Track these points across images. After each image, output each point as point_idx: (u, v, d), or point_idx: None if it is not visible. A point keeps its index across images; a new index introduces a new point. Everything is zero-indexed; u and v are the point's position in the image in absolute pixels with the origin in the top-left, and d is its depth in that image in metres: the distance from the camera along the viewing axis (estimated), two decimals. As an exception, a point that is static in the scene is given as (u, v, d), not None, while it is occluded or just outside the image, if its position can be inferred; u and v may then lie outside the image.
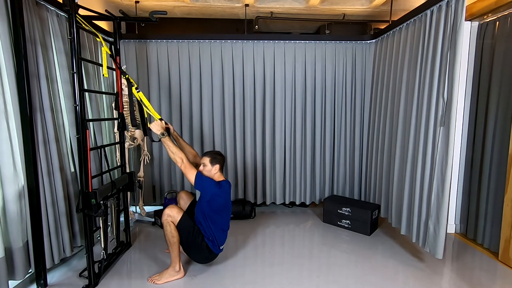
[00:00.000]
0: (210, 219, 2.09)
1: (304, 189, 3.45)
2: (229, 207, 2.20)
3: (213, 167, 2.13)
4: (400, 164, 2.58)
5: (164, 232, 2.02)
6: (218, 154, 2.18)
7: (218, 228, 2.12)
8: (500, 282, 2.08)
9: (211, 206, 2.07)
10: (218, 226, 2.12)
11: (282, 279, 2.10)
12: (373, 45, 3.20)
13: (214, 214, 2.09)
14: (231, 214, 2.27)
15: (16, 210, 1.83)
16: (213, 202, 2.06)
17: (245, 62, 3.22)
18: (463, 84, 2.65)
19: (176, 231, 2.01)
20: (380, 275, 2.14)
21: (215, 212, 2.09)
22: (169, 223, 2.00)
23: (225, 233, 2.21)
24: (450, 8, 2.01)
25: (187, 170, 2.04)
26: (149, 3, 3.46)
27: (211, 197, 2.05)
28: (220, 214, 2.12)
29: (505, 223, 2.27)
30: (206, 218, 2.09)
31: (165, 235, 2.02)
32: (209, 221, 2.09)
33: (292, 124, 3.34)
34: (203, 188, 2.04)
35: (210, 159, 2.13)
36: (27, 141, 1.83)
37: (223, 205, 2.12)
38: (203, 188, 2.04)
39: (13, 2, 1.74)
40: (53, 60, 2.14)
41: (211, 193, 2.04)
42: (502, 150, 2.40)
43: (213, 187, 2.05)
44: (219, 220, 2.12)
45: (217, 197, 2.06)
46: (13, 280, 1.88)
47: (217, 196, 2.06)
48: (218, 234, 2.12)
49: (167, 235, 2.01)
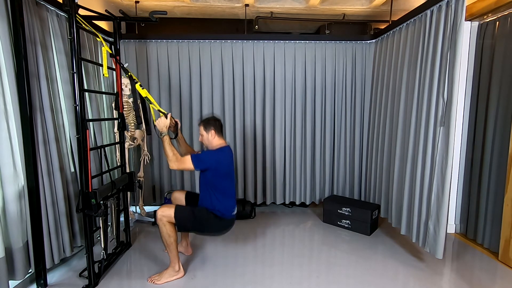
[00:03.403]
0: (215, 189, 2.05)
1: (304, 189, 3.45)
2: (232, 172, 2.14)
3: (209, 133, 2.08)
4: (400, 164, 2.58)
5: (160, 233, 2.01)
6: (211, 119, 2.12)
7: (224, 195, 2.07)
8: (500, 282, 2.08)
9: (215, 175, 2.02)
10: (223, 193, 2.07)
11: (282, 279, 2.10)
12: (373, 45, 3.20)
13: (217, 182, 2.04)
14: (235, 180, 2.20)
15: (16, 210, 1.83)
16: (215, 172, 2.02)
17: (245, 62, 3.22)
18: (463, 84, 2.65)
19: (172, 231, 1.99)
20: (380, 275, 2.14)
21: (218, 179, 2.04)
22: (164, 224, 1.97)
23: (233, 200, 2.15)
24: (450, 8, 2.01)
25: (181, 163, 1.97)
26: (149, 3, 3.46)
27: (214, 167, 2.00)
28: (224, 180, 2.07)
29: (505, 223, 2.27)
30: (210, 189, 2.05)
31: (162, 237, 2.01)
32: (213, 191, 2.05)
33: (292, 124, 3.34)
34: (203, 163, 1.99)
35: (203, 126, 2.09)
36: (27, 141, 1.83)
37: (226, 171, 2.07)
38: (203, 164, 1.99)
39: (13, 2, 1.74)
40: (53, 60, 2.14)
41: (213, 163, 2.00)
42: (502, 150, 2.40)
43: (211, 157, 2.01)
44: (223, 188, 2.07)
45: (218, 165, 2.01)
46: (13, 280, 1.88)
47: (219, 164, 2.01)
48: (225, 202, 2.08)
49: (164, 236, 2.00)
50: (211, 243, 2.62)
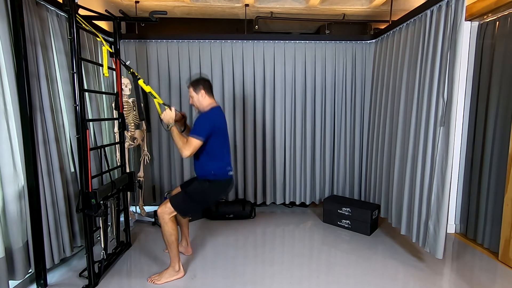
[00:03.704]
0: (210, 150, 2.01)
1: (304, 189, 3.45)
2: (226, 131, 2.11)
3: (199, 93, 2.04)
4: (400, 164, 2.58)
5: (162, 232, 2.01)
6: (200, 79, 2.07)
7: (218, 156, 2.04)
8: (500, 282, 2.08)
9: (212, 136, 1.99)
10: (218, 153, 2.03)
11: (282, 279, 2.10)
12: (373, 45, 3.20)
13: (214, 143, 2.00)
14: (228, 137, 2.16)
15: (16, 210, 1.83)
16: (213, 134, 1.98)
17: (245, 62, 3.22)
18: (463, 84, 2.65)
19: (174, 229, 1.99)
20: (380, 275, 2.14)
21: (215, 140, 2.01)
22: (166, 222, 1.96)
23: (228, 158, 2.11)
24: (450, 8, 2.01)
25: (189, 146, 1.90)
26: (149, 3, 3.46)
27: (213, 130, 1.97)
28: (219, 139, 2.03)
29: (505, 223, 2.27)
30: (205, 153, 2.02)
31: (163, 235, 2.01)
32: (208, 154, 2.01)
33: (292, 124, 3.34)
34: (204, 130, 1.94)
35: (193, 87, 2.04)
36: (27, 141, 1.83)
37: (221, 130, 2.04)
38: (205, 130, 1.94)
39: (13, 2, 1.74)
40: (53, 60, 2.14)
41: (211, 126, 1.96)
42: (502, 150, 2.40)
43: (207, 121, 1.97)
44: (218, 148, 2.03)
45: (215, 126, 1.98)
46: (13, 280, 1.88)
47: (215, 125, 1.98)
48: (220, 162, 2.05)
49: (165, 235, 2.00)
50: (211, 243, 2.62)
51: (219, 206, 3.19)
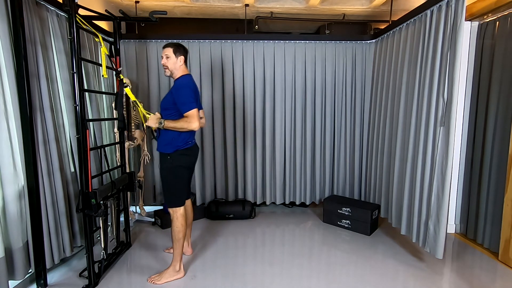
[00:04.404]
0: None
1: (304, 189, 3.45)
2: (199, 98, 2.08)
3: (178, 58, 2.00)
4: (400, 164, 2.58)
5: (171, 228, 2.03)
6: (182, 45, 2.04)
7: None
8: (500, 282, 2.08)
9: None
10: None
11: (282, 279, 2.10)
12: (373, 45, 3.20)
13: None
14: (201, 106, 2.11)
15: (16, 210, 1.83)
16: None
17: (245, 62, 3.22)
18: (463, 84, 2.65)
19: (184, 225, 2.02)
20: (380, 275, 2.14)
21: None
22: (177, 217, 2.01)
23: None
24: (450, 8, 2.01)
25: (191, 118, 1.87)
26: (149, 3, 3.46)
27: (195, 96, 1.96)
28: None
29: (505, 223, 2.27)
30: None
31: (172, 231, 2.02)
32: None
33: (292, 124, 3.34)
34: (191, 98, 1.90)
35: (173, 49, 1.99)
36: (27, 141, 1.83)
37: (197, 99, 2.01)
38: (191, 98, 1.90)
39: (13, 2, 1.74)
40: (53, 60, 2.14)
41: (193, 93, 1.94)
42: (502, 150, 2.40)
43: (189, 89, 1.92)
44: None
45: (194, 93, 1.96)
46: (13, 280, 1.88)
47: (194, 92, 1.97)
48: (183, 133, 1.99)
49: (174, 231, 2.01)
50: (211, 243, 2.62)
51: (219, 206, 3.19)
